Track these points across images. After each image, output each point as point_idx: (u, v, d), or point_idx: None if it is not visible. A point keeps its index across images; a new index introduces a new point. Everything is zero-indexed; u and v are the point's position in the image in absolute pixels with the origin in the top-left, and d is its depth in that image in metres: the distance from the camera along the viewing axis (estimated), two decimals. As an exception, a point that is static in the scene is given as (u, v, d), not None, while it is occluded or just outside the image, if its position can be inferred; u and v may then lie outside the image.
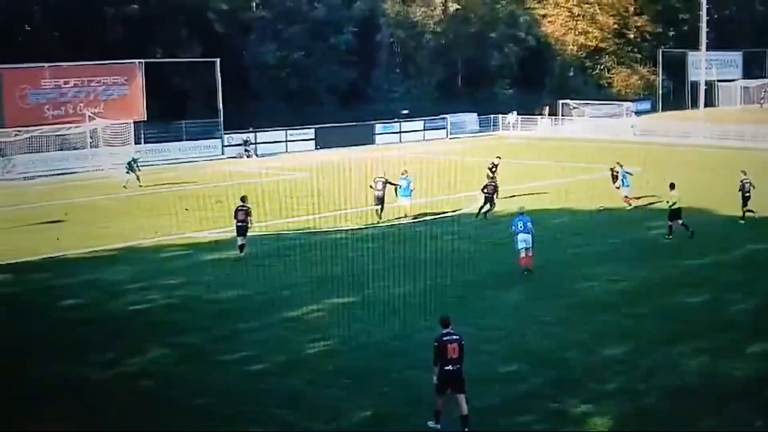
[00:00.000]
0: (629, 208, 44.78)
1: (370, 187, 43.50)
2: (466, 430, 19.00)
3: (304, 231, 40.49)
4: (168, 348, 25.08)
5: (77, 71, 66.37)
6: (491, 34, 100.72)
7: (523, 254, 32.34)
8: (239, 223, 35.62)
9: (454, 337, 19.20)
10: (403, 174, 43.84)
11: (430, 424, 19.33)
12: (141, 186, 54.59)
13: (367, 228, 41.36)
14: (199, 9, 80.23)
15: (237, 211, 35.85)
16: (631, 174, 46.04)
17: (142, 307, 29.28)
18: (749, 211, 41.31)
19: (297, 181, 55.79)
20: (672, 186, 38.51)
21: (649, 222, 40.83)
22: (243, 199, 36.50)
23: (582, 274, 32.55)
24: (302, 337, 25.70)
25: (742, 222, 41.26)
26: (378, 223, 42.11)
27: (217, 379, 22.62)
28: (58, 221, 43.87)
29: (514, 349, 24.45)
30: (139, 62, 68.62)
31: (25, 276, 33.46)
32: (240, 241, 35.57)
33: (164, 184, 56.49)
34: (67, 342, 25.75)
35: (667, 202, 38.37)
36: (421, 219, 43.27)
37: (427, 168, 54.92)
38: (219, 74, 71.99)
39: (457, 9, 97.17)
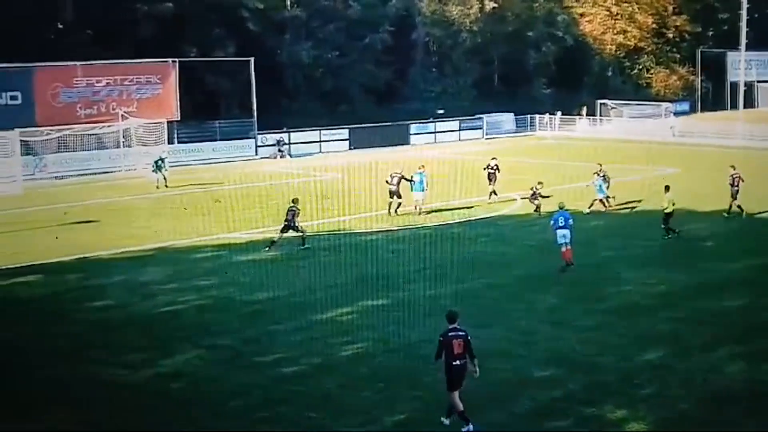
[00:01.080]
0: (603, 210, 44.47)
1: (387, 182, 44.12)
2: (447, 421, 19.41)
3: (337, 232, 40.34)
4: (201, 349, 24.99)
5: (110, 70, 66.22)
6: (529, 32, 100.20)
7: (563, 248, 33.18)
8: (286, 222, 36.64)
9: (460, 333, 19.43)
10: (419, 169, 44.84)
11: (464, 429, 19.20)
12: (167, 186, 54.47)
13: (400, 229, 41.24)
14: (234, 7, 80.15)
15: (288, 210, 36.88)
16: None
17: (175, 308, 29.22)
18: (738, 206, 42.20)
19: (330, 182, 55.58)
20: (667, 188, 38.36)
21: (687, 225, 40.35)
22: (294, 200, 37.48)
23: (618, 277, 32.30)
24: (335, 339, 25.55)
25: (727, 216, 42.25)
26: (408, 225, 41.93)
27: (250, 380, 22.50)
28: (90, 221, 43.85)
29: (550, 354, 24.22)
30: (172, 61, 68.48)
31: (57, 276, 33.42)
32: (278, 236, 36.58)
33: (197, 184, 56.38)
34: (99, 343, 25.71)
35: (664, 208, 38.17)
36: (455, 221, 43.07)
37: (462, 168, 54.68)
38: (253, 73, 71.91)
39: (494, 7, 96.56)
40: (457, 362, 19.28)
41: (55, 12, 73.37)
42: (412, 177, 44.20)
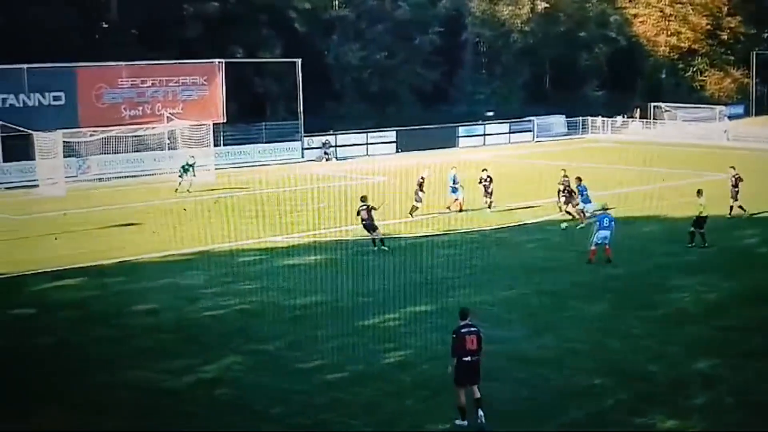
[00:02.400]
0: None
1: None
2: (481, 413, 19.45)
3: (383, 236, 39.81)
4: (243, 355, 24.79)
5: (155, 71, 66.25)
6: (581, 33, 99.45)
7: (593, 247, 34.43)
8: (364, 222, 37.13)
9: (473, 329, 19.86)
10: (452, 170, 46.23)
11: (457, 422, 19.57)
12: (188, 191, 53.70)
13: (446, 234, 40.96)
14: (281, 8, 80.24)
15: (359, 210, 37.39)
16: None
17: (217, 312, 28.94)
18: (740, 207, 42.52)
19: (376, 185, 55.07)
20: (699, 193, 37.67)
21: (741, 231, 39.74)
22: (363, 198, 37.85)
23: (671, 284, 31.75)
24: (379, 346, 25.28)
25: (729, 217, 42.30)
26: (454, 230, 41.60)
27: (292, 387, 22.27)
28: (134, 224, 43.80)
29: (599, 362, 23.82)
30: (218, 62, 68.32)
31: (99, 280, 33.29)
32: (373, 235, 37.14)
33: (241, 187, 56.21)
34: (140, 348, 25.55)
35: (700, 212, 37.37)
36: (503, 225, 42.53)
37: (510, 172, 54.19)
38: (300, 75, 71.67)
39: (546, 8, 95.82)
40: (468, 358, 19.59)
41: (99, 12, 73.64)
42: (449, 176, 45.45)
